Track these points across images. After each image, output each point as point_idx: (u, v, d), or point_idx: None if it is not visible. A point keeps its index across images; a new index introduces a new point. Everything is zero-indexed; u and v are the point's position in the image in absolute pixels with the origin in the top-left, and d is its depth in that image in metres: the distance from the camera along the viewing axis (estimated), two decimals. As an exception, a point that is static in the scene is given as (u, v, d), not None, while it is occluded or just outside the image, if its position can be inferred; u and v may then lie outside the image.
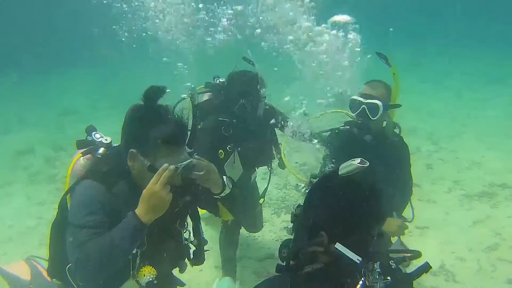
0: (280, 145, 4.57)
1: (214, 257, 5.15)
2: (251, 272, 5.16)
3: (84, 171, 2.70)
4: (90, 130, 2.91)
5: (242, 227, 5.08)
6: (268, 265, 5.32)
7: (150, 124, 2.46)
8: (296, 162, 5.28)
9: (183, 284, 3.33)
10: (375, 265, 1.65)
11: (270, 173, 4.92)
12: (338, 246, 1.67)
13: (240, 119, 4.22)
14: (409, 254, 1.86)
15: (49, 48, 23.77)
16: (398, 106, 3.72)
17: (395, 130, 3.93)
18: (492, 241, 5.52)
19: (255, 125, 4.35)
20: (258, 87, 4.19)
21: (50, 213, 6.90)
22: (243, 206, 2.97)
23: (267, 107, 4.48)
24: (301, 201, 1.93)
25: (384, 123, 3.82)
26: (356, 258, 1.64)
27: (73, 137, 10.08)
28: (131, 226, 2.34)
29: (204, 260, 3.10)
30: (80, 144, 2.86)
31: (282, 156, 4.41)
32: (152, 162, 2.44)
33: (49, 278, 3.35)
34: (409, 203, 4.00)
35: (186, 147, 2.58)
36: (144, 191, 2.38)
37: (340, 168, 1.77)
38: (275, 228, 6.09)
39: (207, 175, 2.66)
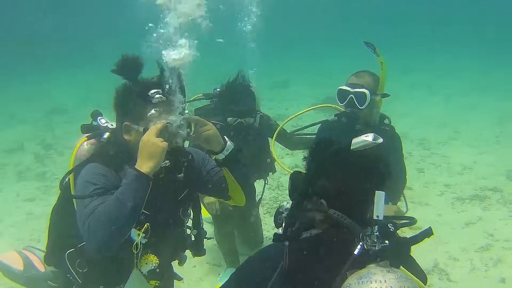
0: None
1: (207, 254, 5.08)
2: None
3: (88, 155, 2.66)
4: (96, 115, 2.85)
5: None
6: (261, 263, 5.28)
7: (135, 93, 2.46)
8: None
9: (180, 278, 3.31)
10: (374, 229, 1.65)
11: (265, 184, 4.93)
12: (377, 193, 1.67)
13: (237, 132, 4.23)
14: (405, 221, 1.87)
15: (39, 48, 23.69)
16: (386, 95, 3.74)
17: (385, 121, 3.95)
18: (485, 242, 5.54)
19: (252, 136, 4.37)
20: (254, 103, 4.27)
21: (40, 209, 6.90)
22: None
23: (261, 114, 4.49)
24: (298, 169, 1.93)
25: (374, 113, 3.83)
26: (376, 214, 1.66)
27: (62, 136, 10.07)
28: (131, 179, 2.29)
29: (205, 252, 3.08)
30: (85, 129, 2.81)
31: (274, 156, 4.41)
32: (145, 126, 2.43)
33: (41, 268, 3.30)
34: (402, 196, 4.00)
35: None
36: (139, 144, 2.35)
37: (352, 143, 1.78)
38: (267, 226, 6.06)
39: (205, 128, 2.59)
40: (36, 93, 16.32)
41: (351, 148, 1.78)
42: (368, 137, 1.75)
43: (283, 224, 1.86)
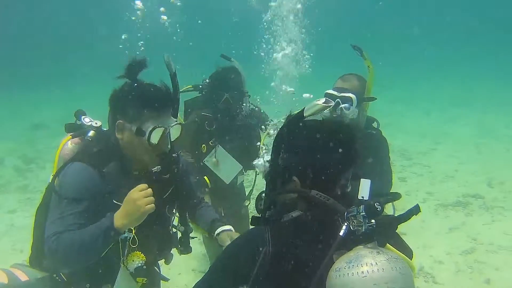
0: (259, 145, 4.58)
1: (193, 261, 5.09)
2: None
3: (72, 154, 2.64)
4: (79, 114, 2.80)
5: None
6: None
7: (133, 93, 2.45)
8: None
9: (167, 279, 3.27)
10: (359, 209, 1.57)
11: (256, 176, 4.89)
12: (362, 181, 1.62)
13: (224, 114, 4.23)
14: (389, 197, 1.83)
15: (23, 65, 23.55)
16: (373, 99, 3.72)
17: (373, 125, 3.95)
18: (469, 246, 5.62)
19: (241, 121, 4.36)
20: (240, 81, 4.25)
21: (22, 220, 6.78)
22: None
23: (255, 108, 4.50)
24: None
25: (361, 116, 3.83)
26: (361, 195, 1.60)
27: (43, 150, 9.89)
28: (103, 227, 2.31)
29: (191, 250, 3.06)
30: (69, 128, 2.77)
31: (261, 151, 4.40)
32: (139, 125, 2.42)
33: (23, 278, 3.24)
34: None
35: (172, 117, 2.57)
36: (128, 193, 2.35)
37: (305, 109, 1.69)
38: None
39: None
40: (18, 108, 16.16)
41: (305, 115, 1.69)
42: (319, 101, 1.70)
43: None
